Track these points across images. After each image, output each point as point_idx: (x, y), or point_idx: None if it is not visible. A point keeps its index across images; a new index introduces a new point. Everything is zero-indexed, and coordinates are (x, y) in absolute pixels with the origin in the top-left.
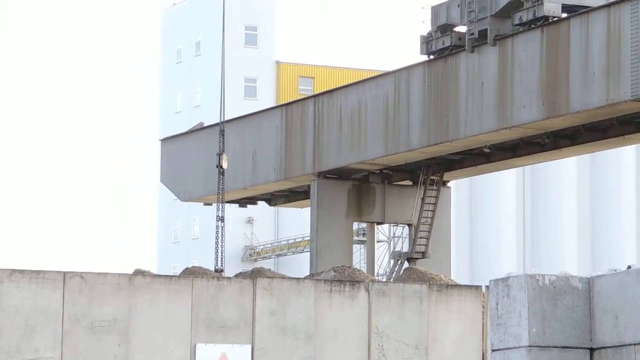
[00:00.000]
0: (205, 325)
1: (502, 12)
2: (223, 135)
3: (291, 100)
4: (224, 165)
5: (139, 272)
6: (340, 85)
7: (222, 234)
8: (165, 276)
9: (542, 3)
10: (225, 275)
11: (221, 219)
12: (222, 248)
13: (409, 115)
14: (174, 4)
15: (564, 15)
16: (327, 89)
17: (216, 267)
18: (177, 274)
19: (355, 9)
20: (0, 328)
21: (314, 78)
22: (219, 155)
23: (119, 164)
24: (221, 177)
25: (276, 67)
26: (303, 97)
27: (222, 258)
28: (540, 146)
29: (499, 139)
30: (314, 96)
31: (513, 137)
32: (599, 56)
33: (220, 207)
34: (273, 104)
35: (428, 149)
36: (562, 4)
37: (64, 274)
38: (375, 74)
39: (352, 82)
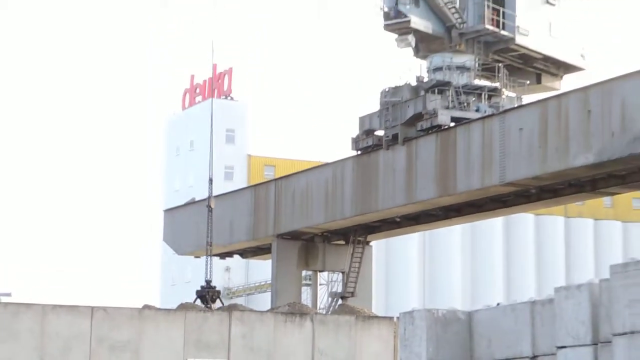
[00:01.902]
0: (194, 345)
1: (409, 122)
2: (211, 184)
3: (258, 183)
4: (212, 205)
5: (146, 307)
6: (294, 172)
7: (210, 253)
8: (166, 309)
9: (437, 116)
10: (213, 284)
11: (210, 244)
12: (210, 264)
13: (343, 194)
14: (174, 113)
15: (453, 124)
16: (285, 175)
17: (206, 278)
18: (174, 308)
19: (305, 118)
20: (45, 348)
21: (275, 166)
22: (209, 198)
23: (133, 229)
24: (210, 213)
25: (248, 158)
26: (267, 180)
27: (210, 271)
28: (436, 217)
29: (406, 211)
30: (275, 180)
31: (416, 210)
32: (477, 153)
33: (208, 234)
34: (245, 185)
35: (356, 217)
36: (451, 116)
37: (92, 308)
38: (319, 164)
39: (302, 169)
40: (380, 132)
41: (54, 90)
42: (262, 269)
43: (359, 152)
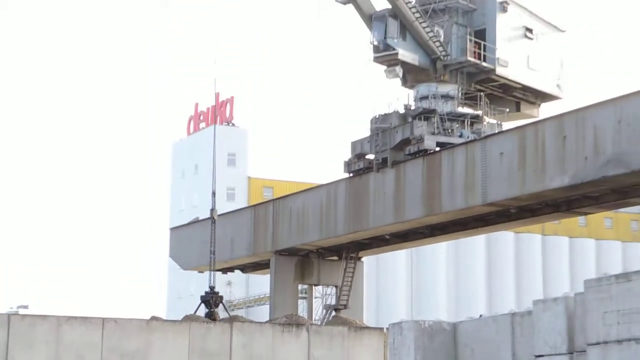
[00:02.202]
0: (198, 354)
1: (397, 146)
2: (214, 197)
3: (258, 203)
4: (215, 216)
5: (154, 318)
6: (291, 193)
7: (213, 261)
8: (172, 321)
9: (423, 141)
10: (216, 290)
11: (213, 252)
12: (213, 271)
13: (336, 213)
14: (180, 139)
15: (438, 149)
16: (282, 195)
17: (210, 284)
18: (180, 320)
19: (301, 143)
20: (60, 357)
21: (273, 188)
22: (212, 210)
23: (142, 245)
24: (213, 224)
25: (248, 180)
26: (266, 200)
27: (214, 278)
28: (423, 234)
29: (395, 230)
30: (273, 200)
31: (404, 228)
32: (460, 176)
33: (212, 244)
34: (246, 205)
35: (349, 235)
36: (437, 142)
37: (103, 319)
38: (314, 186)
39: (298, 190)
40: (370, 156)
41: (65, 117)
42: (261, 283)
43: (351, 175)
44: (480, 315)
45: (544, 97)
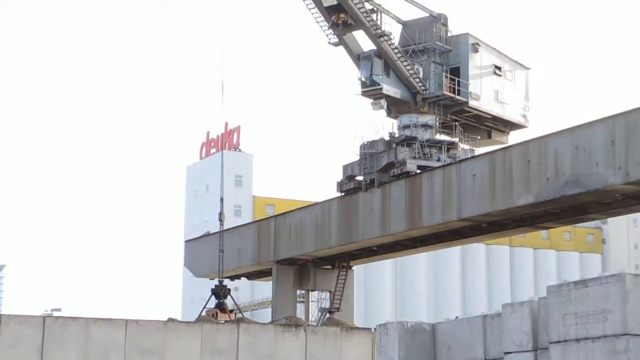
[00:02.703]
0: (209, 352)
1: (383, 169)
2: (222, 202)
3: (261, 218)
4: (223, 219)
5: (170, 320)
6: (290, 210)
7: (222, 260)
8: (186, 322)
9: (406, 164)
10: (224, 283)
11: (221, 250)
12: (221, 269)
13: (330, 227)
14: (194, 163)
15: (419, 171)
16: (283, 212)
17: (220, 280)
18: (193, 321)
19: (299, 166)
20: (88, 354)
21: (275, 205)
22: (220, 213)
23: (161, 256)
24: (221, 225)
25: (253, 199)
26: (268, 216)
27: (222, 273)
28: (406, 246)
29: (381, 242)
30: (275, 216)
31: (390, 240)
32: (439, 194)
33: (220, 243)
34: (251, 221)
35: (341, 247)
36: (417, 165)
37: (126, 320)
38: (311, 203)
39: (297, 207)
40: (360, 178)
41: (89, 141)
42: (264, 288)
43: (343, 194)
44: (456, 317)
45: (512, 126)
